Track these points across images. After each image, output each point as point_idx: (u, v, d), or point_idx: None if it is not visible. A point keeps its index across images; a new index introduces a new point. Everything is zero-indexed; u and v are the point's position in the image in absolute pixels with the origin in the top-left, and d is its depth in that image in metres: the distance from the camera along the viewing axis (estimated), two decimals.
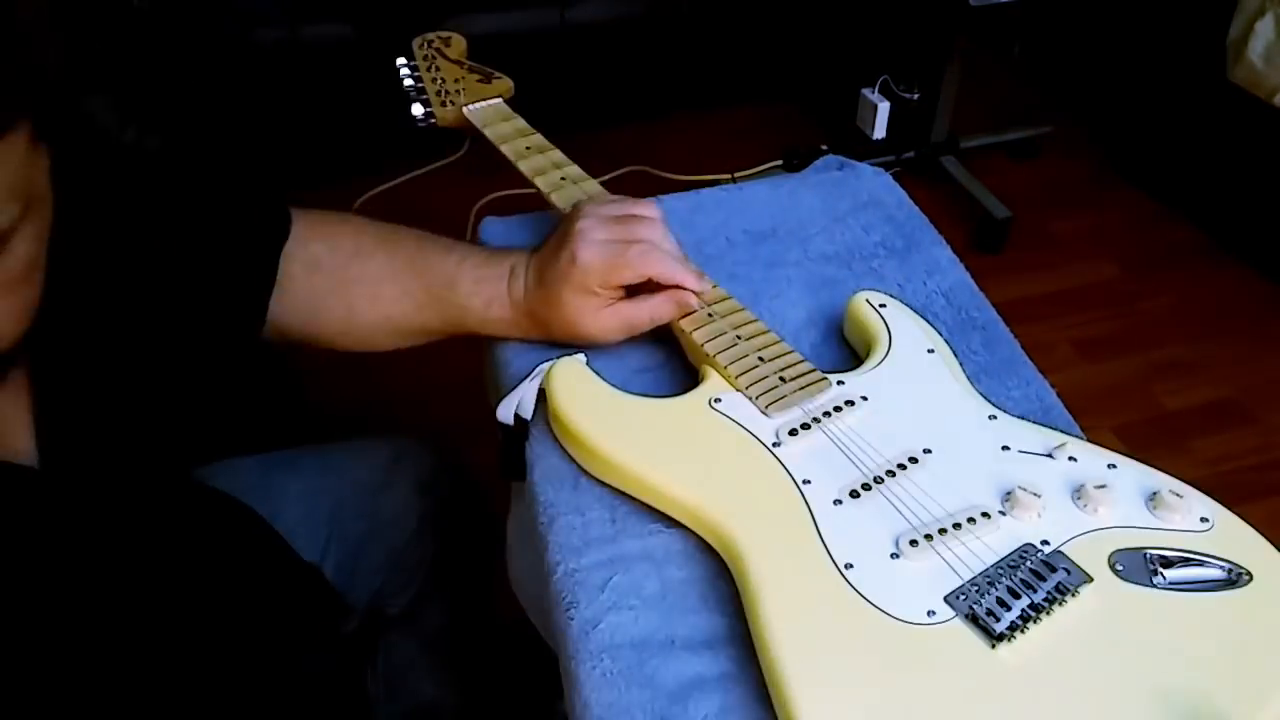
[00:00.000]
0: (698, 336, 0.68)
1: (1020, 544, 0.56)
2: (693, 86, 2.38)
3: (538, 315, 0.71)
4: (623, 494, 0.63)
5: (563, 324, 0.70)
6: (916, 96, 2.23)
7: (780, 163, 2.29)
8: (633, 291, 0.70)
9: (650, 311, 0.70)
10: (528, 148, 0.83)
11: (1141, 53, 2.26)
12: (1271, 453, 1.69)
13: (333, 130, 2.05)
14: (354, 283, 0.74)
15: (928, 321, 0.72)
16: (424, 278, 0.73)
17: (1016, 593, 0.53)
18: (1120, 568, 0.55)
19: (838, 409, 0.64)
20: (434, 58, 0.91)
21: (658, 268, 0.69)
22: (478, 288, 0.72)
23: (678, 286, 0.69)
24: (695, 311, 0.70)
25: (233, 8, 1.97)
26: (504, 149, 0.83)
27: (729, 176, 2.21)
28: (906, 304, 0.73)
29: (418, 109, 0.87)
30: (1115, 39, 2.37)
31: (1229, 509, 0.59)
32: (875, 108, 2.24)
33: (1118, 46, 2.36)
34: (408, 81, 0.89)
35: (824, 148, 2.22)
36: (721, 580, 0.58)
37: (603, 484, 0.64)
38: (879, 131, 2.26)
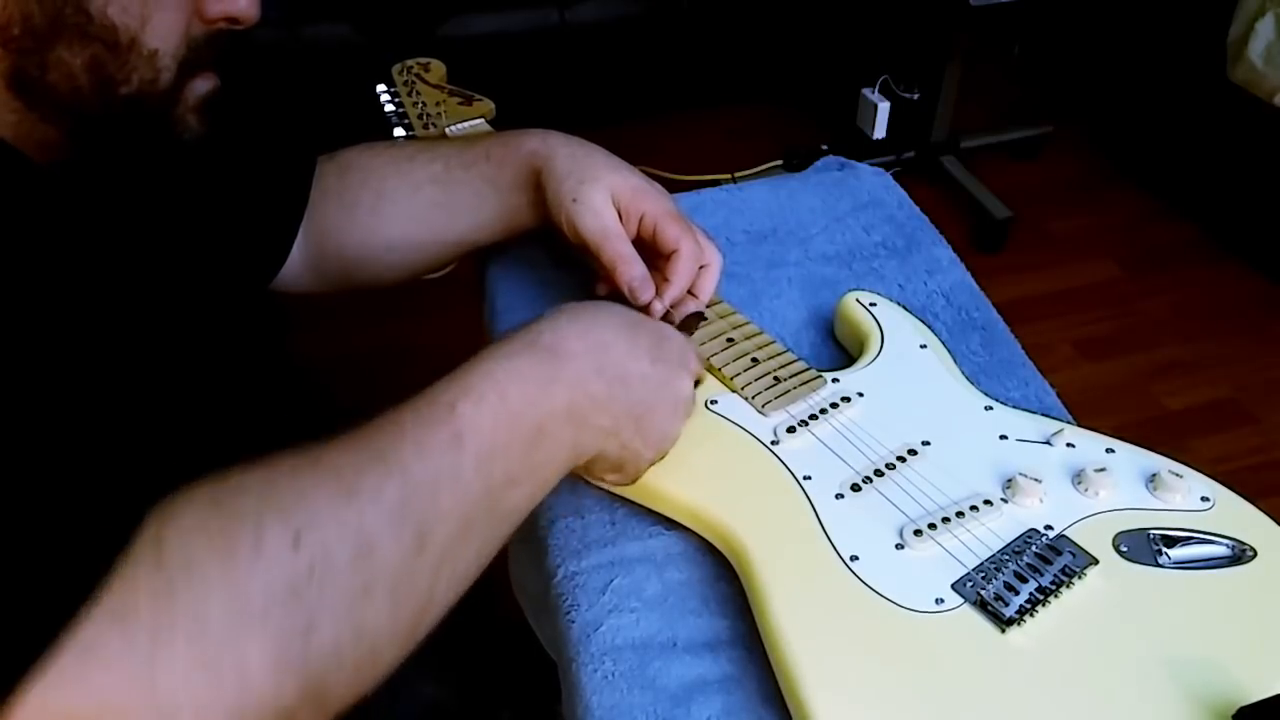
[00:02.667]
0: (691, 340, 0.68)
1: (1024, 529, 0.57)
2: (693, 86, 2.38)
3: (573, 144, 0.71)
4: (622, 496, 0.63)
5: (592, 167, 0.70)
6: (916, 96, 2.23)
7: (780, 163, 2.29)
8: None
9: (621, 252, 0.67)
10: None
11: (1141, 53, 2.26)
12: (1271, 453, 1.69)
13: (332, 130, 2.05)
14: (385, 163, 0.77)
15: (925, 320, 0.72)
16: (456, 140, 0.77)
17: (1024, 577, 0.54)
18: (1125, 549, 0.55)
19: (834, 405, 0.64)
20: (414, 83, 0.92)
21: (685, 259, 0.68)
22: (492, 143, 0.75)
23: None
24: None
25: None
26: None
27: (729, 176, 2.21)
28: (904, 303, 0.73)
29: (399, 132, 0.88)
30: (1115, 39, 2.37)
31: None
32: (875, 108, 2.24)
33: (1118, 46, 2.37)
34: (389, 107, 0.90)
35: (824, 148, 2.22)
36: (723, 582, 0.58)
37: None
38: (879, 131, 2.27)
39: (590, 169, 0.70)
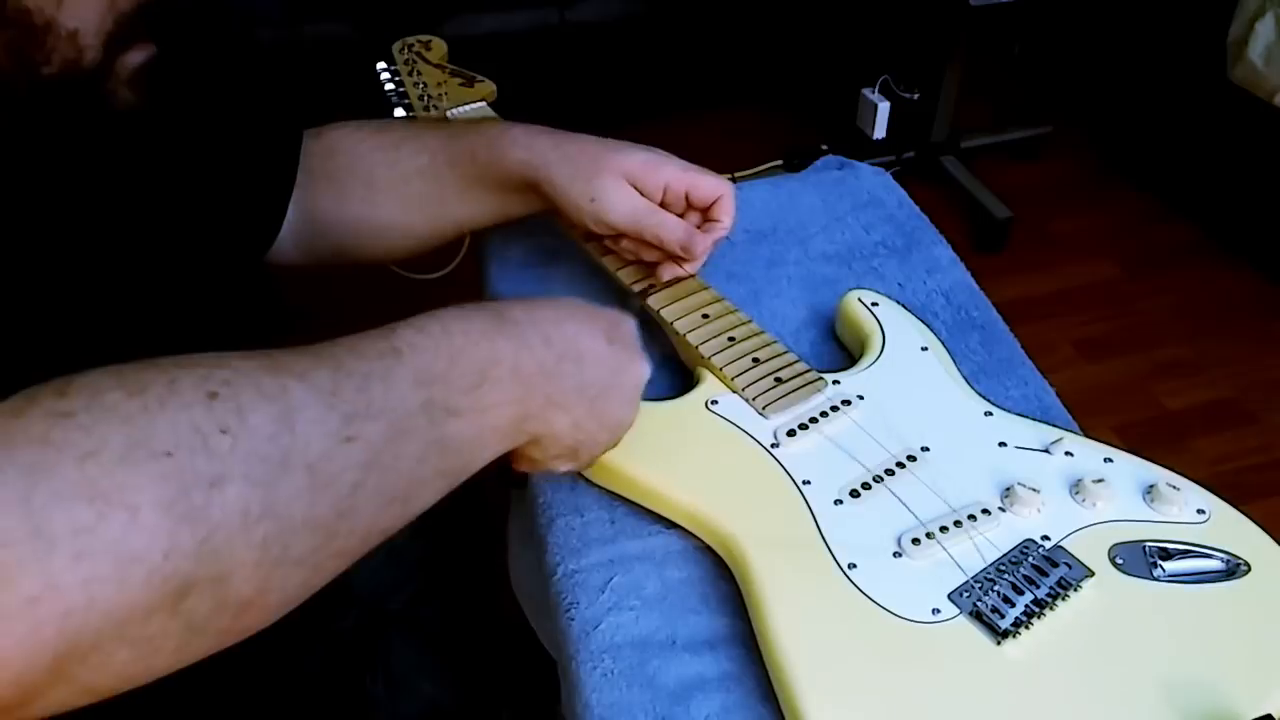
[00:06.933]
0: (692, 339, 0.68)
1: (1021, 539, 0.57)
2: (693, 86, 2.38)
3: (563, 145, 0.70)
4: (622, 495, 0.63)
5: (593, 160, 0.70)
6: (916, 96, 2.23)
7: (780, 163, 2.29)
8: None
9: (661, 221, 0.70)
10: None
11: (1141, 52, 2.26)
12: (1271, 453, 1.69)
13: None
14: (372, 150, 0.76)
15: (925, 320, 0.72)
16: (441, 129, 0.75)
17: (1019, 589, 0.54)
18: (1120, 561, 0.55)
19: (834, 409, 0.64)
20: (415, 62, 0.90)
21: (727, 198, 0.72)
22: (495, 124, 0.74)
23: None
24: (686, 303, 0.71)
25: (233, 8, 1.97)
26: None
27: (729, 176, 2.21)
28: (904, 303, 0.73)
29: (399, 113, 0.87)
30: (1115, 38, 2.37)
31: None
32: (875, 108, 2.24)
33: (1117, 46, 2.36)
34: (389, 86, 0.88)
35: (824, 148, 2.22)
36: (722, 580, 0.58)
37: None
38: (879, 131, 2.27)
39: (591, 163, 0.70)
